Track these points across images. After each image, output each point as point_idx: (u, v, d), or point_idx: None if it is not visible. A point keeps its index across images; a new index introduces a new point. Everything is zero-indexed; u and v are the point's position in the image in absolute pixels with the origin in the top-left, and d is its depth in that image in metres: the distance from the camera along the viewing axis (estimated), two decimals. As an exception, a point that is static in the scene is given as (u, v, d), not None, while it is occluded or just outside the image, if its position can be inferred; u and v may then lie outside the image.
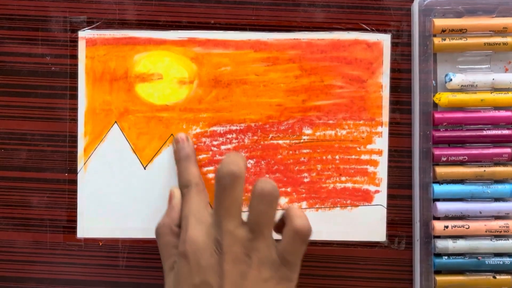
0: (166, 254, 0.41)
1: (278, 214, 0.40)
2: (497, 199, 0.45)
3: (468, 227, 0.44)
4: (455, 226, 0.44)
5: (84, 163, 0.46)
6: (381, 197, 0.46)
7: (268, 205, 0.39)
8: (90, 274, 0.46)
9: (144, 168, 0.46)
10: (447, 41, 0.44)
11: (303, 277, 0.46)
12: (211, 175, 0.46)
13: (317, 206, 0.46)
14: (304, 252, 0.40)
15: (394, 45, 0.46)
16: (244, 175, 0.39)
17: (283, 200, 0.46)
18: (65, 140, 0.46)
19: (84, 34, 0.46)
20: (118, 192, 0.46)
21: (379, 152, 0.46)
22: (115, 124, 0.46)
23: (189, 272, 0.39)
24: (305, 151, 0.46)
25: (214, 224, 0.39)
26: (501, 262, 0.45)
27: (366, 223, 0.46)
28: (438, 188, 0.45)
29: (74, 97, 0.46)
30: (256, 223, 0.39)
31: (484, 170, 0.45)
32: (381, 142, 0.46)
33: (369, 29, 0.46)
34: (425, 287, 0.45)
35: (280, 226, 0.41)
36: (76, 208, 0.46)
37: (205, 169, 0.46)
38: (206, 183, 0.46)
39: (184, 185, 0.43)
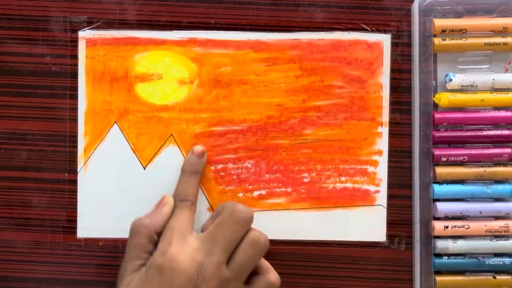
0: (135, 255, 0.41)
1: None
2: (497, 199, 0.45)
3: (468, 227, 0.44)
4: (455, 226, 0.44)
5: (84, 163, 0.46)
6: (381, 197, 0.46)
7: (258, 255, 0.41)
8: (90, 274, 0.46)
9: (144, 168, 0.46)
10: (447, 41, 0.44)
11: (303, 278, 0.46)
12: (210, 175, 0.46)
13: (317, 206, 0.46)
14: None
15: (394, 45, 0.46)
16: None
17: (283, 200, 0.46)
18: (65, 140, 0.46)
19: (84, 34, 0.46)
20: (118, 192, 0.46)
21: (379, 152, 0.46)
22: (115, 124, 0.46)
23: (159, 286, 0.39)
24: (305, 151, 0.46)
25: (202, 251, 0.39)
26: (501, 262, 0.45)
27: (366, 223, 0.46)
28: (438, 188, 0.45)
29: (74, 97, 0.46)
30: (240, 265, 0.40)
31: (484, 170, 0.45)
32: (381, 142, 0.46)
33: (369, 29, 0.46)
34: (425, 287, 0.45)
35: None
36: (76, 208, 0.46)
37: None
38: (205, 183, 0.46)
39: (180, 198, 0.43)
